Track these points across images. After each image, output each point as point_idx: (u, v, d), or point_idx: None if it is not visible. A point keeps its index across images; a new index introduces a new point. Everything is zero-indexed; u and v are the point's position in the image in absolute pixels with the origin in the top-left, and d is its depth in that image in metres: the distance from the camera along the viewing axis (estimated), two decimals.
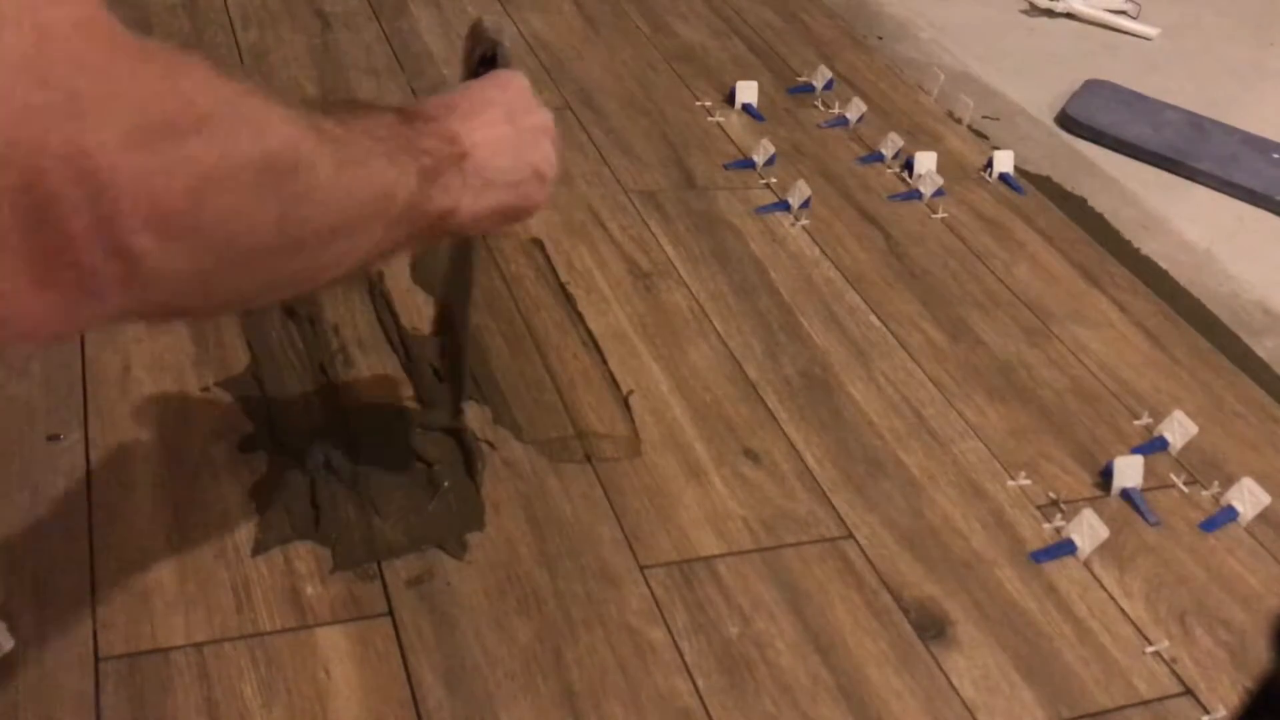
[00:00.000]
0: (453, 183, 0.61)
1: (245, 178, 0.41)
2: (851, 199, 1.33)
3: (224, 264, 0.42)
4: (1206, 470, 1.04)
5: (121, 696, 0.69)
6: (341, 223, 0.51)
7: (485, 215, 0.65)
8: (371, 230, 0.54)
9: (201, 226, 0.39)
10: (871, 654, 0.82)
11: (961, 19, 1.93)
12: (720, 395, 1.01)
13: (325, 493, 0.84)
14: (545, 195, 0.69)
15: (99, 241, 0.35)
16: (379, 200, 0.54)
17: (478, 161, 0.63)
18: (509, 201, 0.66)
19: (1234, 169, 1.58)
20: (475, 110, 0.65)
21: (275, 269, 0.48)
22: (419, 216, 0.59)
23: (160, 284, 0.39)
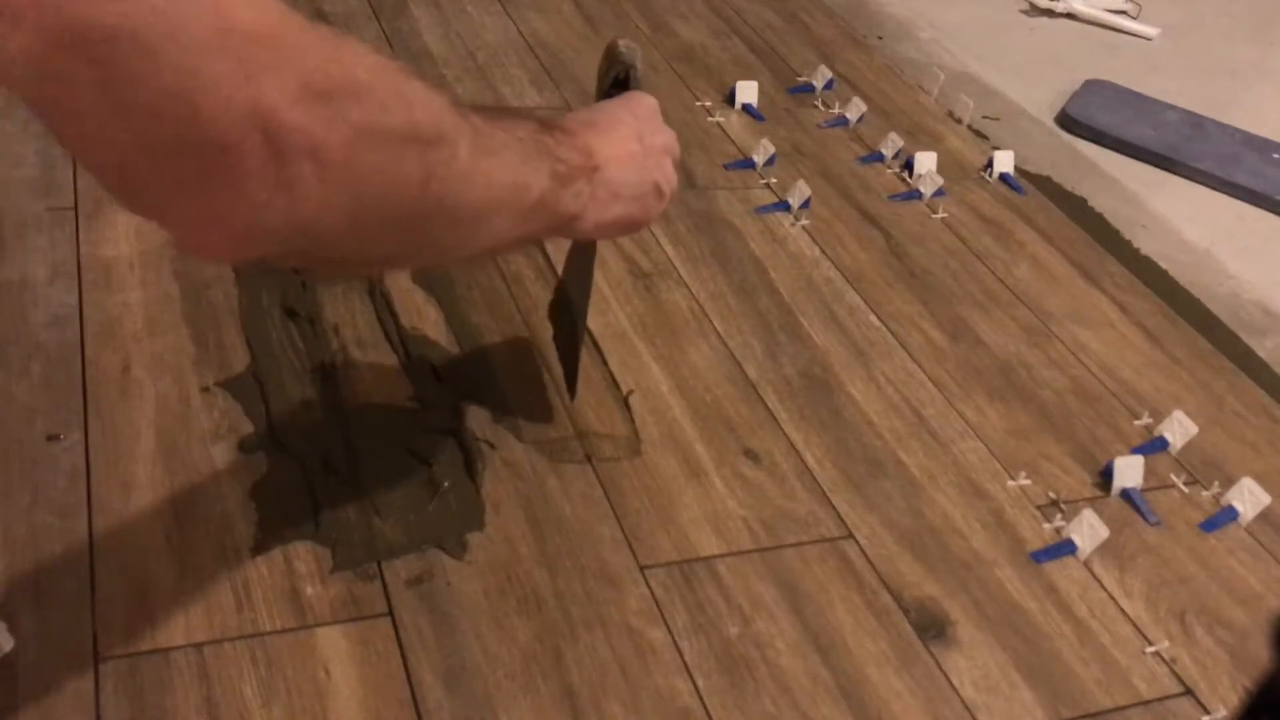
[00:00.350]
0: (583, 191, 0.67)
1: (393, 141, 0.48)
2: (851, 199, 1.33)
3: (371, 217, 0.49)
4: (1206, 470, 1.04)
5: (121, 696, 0.69)
6: (477, 202, 0.57)
7: (608, 224, 0.72)
8: (503, 217, 0.60)
9: (354, 177, 0.46)
10: (871, 654, 0.82)
11: (961, 19, 1.93)
12: (720, 395, 1.01)
13: (325, 493, 0.84)
14: (662, 208, 0.76)
15: (271, 179, 0.43)
16: (512, 190, 0.60)
17: (608, 175, 0.69)
18: (631, 213, 0.73)
19: (1234, 169, 1.59)
20: (609, 128, 0.72)
21: (414, 233, 0.54)
22: (549, 215, 0.65)
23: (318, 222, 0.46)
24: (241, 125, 0.41)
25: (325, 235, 0.48)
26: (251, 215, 0.44)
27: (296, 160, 0.43)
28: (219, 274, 1.02)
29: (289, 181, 0.43)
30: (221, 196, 0.42)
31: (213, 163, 0.41)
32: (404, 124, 0.49)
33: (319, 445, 0.88)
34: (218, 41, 0.40)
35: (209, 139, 0.41)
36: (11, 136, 1.14)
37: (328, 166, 0.44)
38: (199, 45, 0.39)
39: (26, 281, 0.98)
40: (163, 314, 0.97)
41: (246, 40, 0.41)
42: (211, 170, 0.42)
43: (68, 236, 1.03)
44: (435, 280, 1.07)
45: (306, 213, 0.45)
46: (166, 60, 0.39)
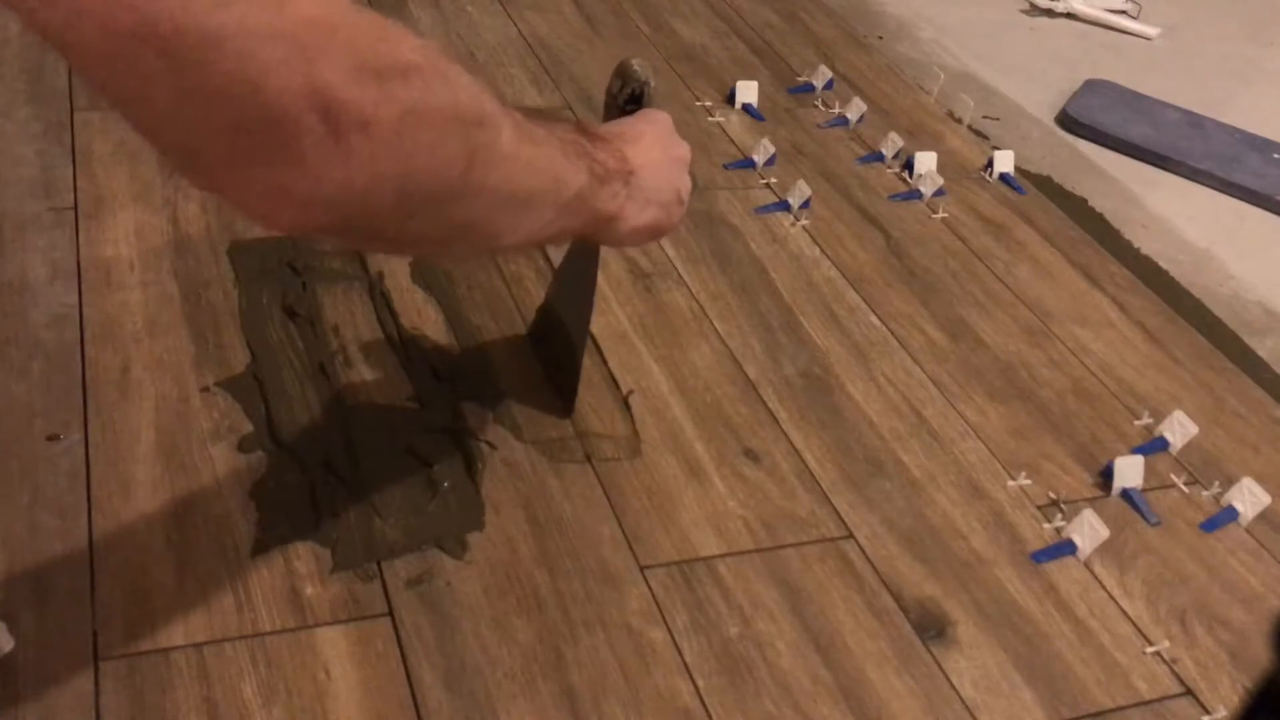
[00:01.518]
0: (619, 192, 0.71)
1: (438, 119, 0.51)
2: (851, 199, 1.33)
3: (418, 193, 0.52)
4: (1207, 470, 1.04)
5: (121, 696, 0.69)
6: (518, 188, 0.59)
7: (641, 228, 0.75)
8: (543, 207, 0.63)
9: (403, 152, 0.49)
10: (871, 654, 0.82)
11: (961, 19, 1.93)
12: (720, 395, 1.01)
13: (325, 493, 0.84)
14: (680, 216, 0.80)
15: (329, 150, 0.46)
16: (553, 181, 0.63)
17: (641, 180, 0.73)
18: (659, 219, 0.77)
19: (1234, 169, 1.58)
20: (636, 138, 0.76)
21: (458, 213, 0.56)
22: (588, 212, 0.68)
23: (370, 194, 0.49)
24: (300, 104, 0.44)
25: (376, 208, 0.50)
26: (311, 186, 0.47)
27: (350, 134, 0.46)
28: (219, 274, 1.02)
29: (344, 154, 0.46)
30: (283, 170, 0.46)
31: (275, 139, 0.44)
32: (449, 104, 0.51)
33: (319, 445, 0.88)
34: (277, 27, 0.43)
35: (271, 117, 0.44)
36: (11, 136, 1.14)
37: (378, 141, 0.47)
38: (260, 31, 0.42)
39: (26, 281, 0.98)
40: (163, 314, 0.97)
41: (304, 24, 0.44)
42: (274, 146, 0.45)
43: (68, 236, 1.03)
44: (435, 280, 1.07)
45: (360, 184, 0.48)
46: (230, 47, 0.42)
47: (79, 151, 1.14)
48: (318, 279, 1.04)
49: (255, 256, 1.05)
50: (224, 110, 0.43)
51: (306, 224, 0.49)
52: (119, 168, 1.12)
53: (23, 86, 1.22)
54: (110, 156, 1.14)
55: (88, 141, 1.15)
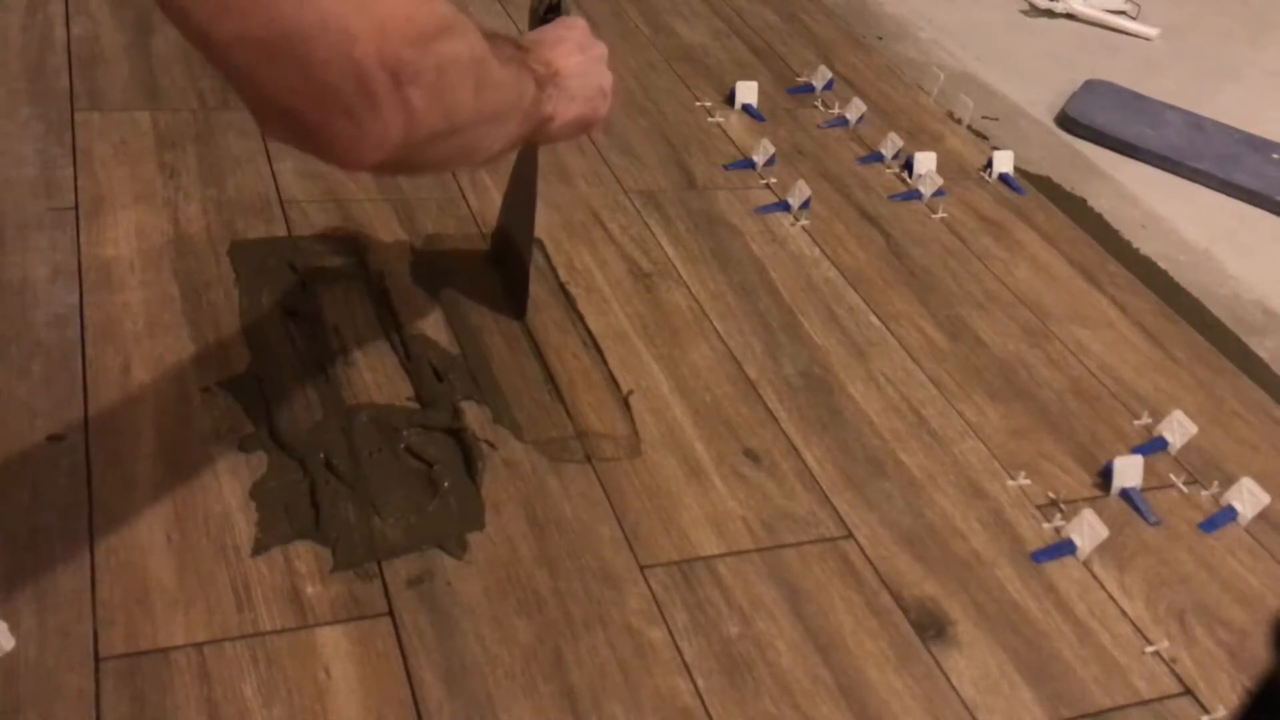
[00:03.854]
0: (552, 94, 0.80)
1: (463, 63, 0.61)
2: (851, 199, 1.33)
3: (449, 125, 0.62)
4: (1206, 470, 1.04)
5: (121, 696, 0.69)
6: (501, 106, 0.70)
7: (570, 123, 0.84)
8: (513, 119, 0.73)
9: (442, 93, 0.59)
10: (871, 654, 0.82)
11: (961, 19, 1.93)
12: (720, 395, 1.01)
13: (325, 493, 0.84)
14: (607, 110, 0.88)
15: (394, 101, 0.56)
16: (518, 94, 0.73)
17: (566, 80, 0.82)
18: (585, 113, 0.85)
19: (1234, 169, 1.59)
20: (557, 43, 0.84)
21: (471, 135, 0.67)
22: (535, 115, 0.78)
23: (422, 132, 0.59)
24: (375, 65, 0.54)
25: (422, 142, 0.60)
26: (383, 130, 0.56)
27: (407, 86, 0.56)
28: (219, 274, 1.02)
29: (404, 104, 0.56)
30: (363, 119, 0.55)
31: (359, 94, 0.55)
32: (466, 49, 0.61)
33: (319, 445, 0.88)
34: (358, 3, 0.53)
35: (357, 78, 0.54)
36: (11, 136, 1.14)
37: (426, 87, 0.57)
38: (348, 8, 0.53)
39: (27, 281, 0.98)
40: (163, 314, 0.97)
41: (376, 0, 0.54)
42: (358, 100, 0.55)
43: (68, 236, 1.03)
44: (435, 280, 1.07)
45: (416, 125, 0.58)
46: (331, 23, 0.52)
47: (80, 151, 1.14)
48: (318, 279, 1.04)
49: (255, 256, 1.05)
50: (326, 74, 0.53)
51: (379, 161, 0.58)
52: (119, 168, 1.12)
53: (23, 86, 1.22)
54: (111, 156, 1.14)
55: (88, 141, 1.15)
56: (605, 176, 1.28)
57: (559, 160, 1.28)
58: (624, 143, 1.34)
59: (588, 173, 1.28)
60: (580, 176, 1.27)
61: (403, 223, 1.13)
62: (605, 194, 1.24)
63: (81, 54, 1.30)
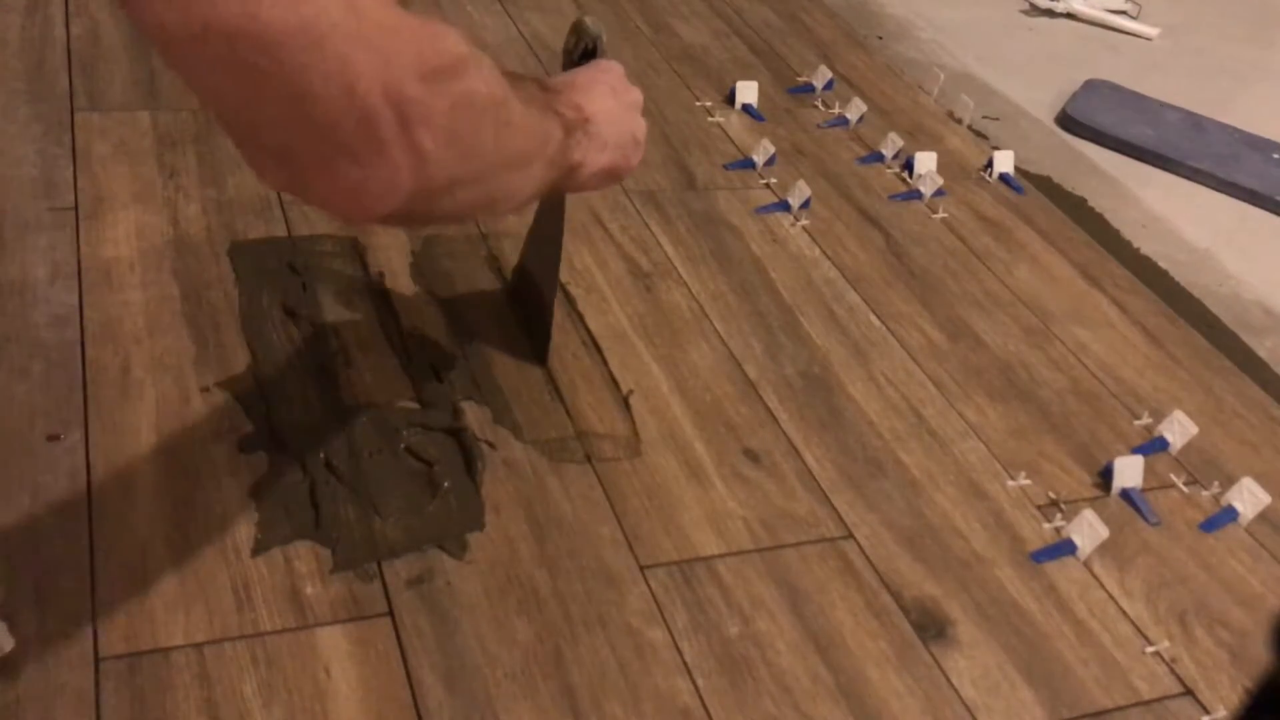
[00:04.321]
0: (581, 141, 0.75)
1: (480, 104, 0.56)
2: (851, 199, 1.33)
3: (466, 171, 0.57)
4: (1206, 470, 1.04)
5: (121, 696, 0.69)
6: (524, 151, 0.65)
7: (599, 172, 0.79)
8: (537, 165, 0.68)
9: (457, 136, 0.54)
10: (871, 654, 0.82)
11: (961, 19, 1.93)
12: (720, 395, 1.01)
13: (325, 493, 0.84)
14: (639, 158, 0.84)
15: (402, 144, 0.51)
16: (542, 139, 0.68)
17: (597, 126, 0.77)
18: (616, 162, 0.80)
19: (1234, 169, 1.59)
20: (589, 87, 0.79)
21: (491, 182, 0.62)
22: (561, 163, 0.73)
23: (434, 179, 0.54)
24: (381, 102, 0.49)
25: (437, 190, 0.55)
26: (388, 178, 0.51)
27: (416, 128, 0.51)
28: (219, 274, 1.02)
29: (414, 147, 0.51)
30: (366, 164, 0.50)
31: (361, 136, 0.49)
32: (483, 90, 0.57)
33: (319, 445, 0.88)
34: (360, 31, 0.47)
35: (360, 116, 0.48)
36: (11, 136, 1.14)
37: (437, 130, 0.52)
38: (350, 35, 0.47)
39: (27, 281, 0.98)
40: (163, 314, 0.97)
41: (378, 30, 0.48)
42: (360, 142, 0.49)
43: (68, 237, 1.03)
44: (435, 280, 1.07)
45: (427, 172, 0.53)
46: (331, 49, 0.46)
47: (79, 151, 1.14)
48: (318, 279, 1.04)
49: (255, 257, 1.05)
50: (324, 110, 0.48)
51: (383, 213, 0.53)
52: (119, 168, 1.12)
53: (23, 86, 1.22)
54: (110, 156, 1.14)
55: (88, 141, 1.15)
56: None
57: None
58: None
59: None
60: None
61: None
62: (605, 194, 1.24)
63: (81, 54, 1.30)
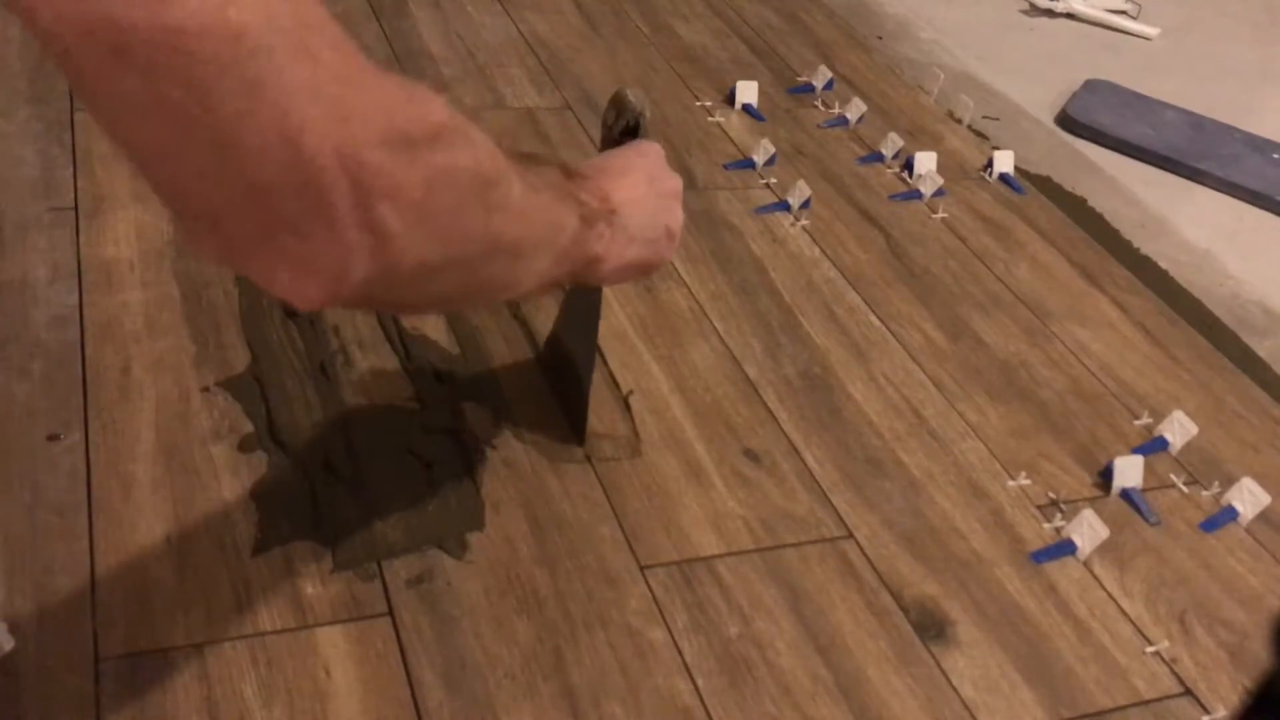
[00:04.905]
0: (604, 233, 0.69)
1: (464, 181, 0.50)
2: (851, 199, 1.33)
3: (445, 256, 0.50)
4: (1206, 470, 1.04)
5: (121, 696, 0.69)
6: (524, 240, 0.58)
7: (625, 267, 0.72)
8: (543, 256, 0.61)
9: (431, 216, 0.47)
10: (871, 654, 0.82)
11: (961, 19, 1.93)
12: (720, 395, 1.01)
13: (325, 493, 0.84)
14: (672, 252, 0.77)
15: (360, 221, 0.43)
16: (551, 228, 0.62)
17: (624, 217, 0.70)
18: (645, 256, 0.74)
19: (1234, 169, 1.59)
20: (622, 172, 0.73)
21: (477, 271, 0.55)
22: (578, 255, 0.66)
23: (400, 264, 0.46)
24: (333, 167, 0.42)
25: (404, 276, 0.48)
26: (342, 258, 0.44)
27: (381, 202, 0.44)
28: (219, 274, 1.02)
29: (374, 224, 0.44)
30: (312, 239, 0.43)
31: (306, 204, 0.42)
32: (472, 164, 0.50)
33: (319, 445, 0.88)
34: (313, 81, 0.41)
35: (304, 180, 0.41)
36: (11, 137, 1.14)
37: (406, 207, 0.45)
38: (298, 85, 0.40)
39: (27, 281, 0.98)
40: (163, 314, 0.97)
41: (336, 83, 0.42)
42: (305, 212, 0.42)
43: (68, 237, 1.03)
44: None
45: (390, 254, 0.46)
46: (270, 97, 0.39)
47: (79, 151, 1.14)
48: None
49: None
50: (258, 168, 0.41)
51: (333, 298, 0.46)
52: (119, 168, 1.12)
53: (23, 86, 1.22)
54: (110, 156, 1.14)
55: (88, 141, 1.15)
56: None
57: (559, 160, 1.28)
58: None
59: None
60: None
61: None
62: None
63: None
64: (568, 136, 1.33)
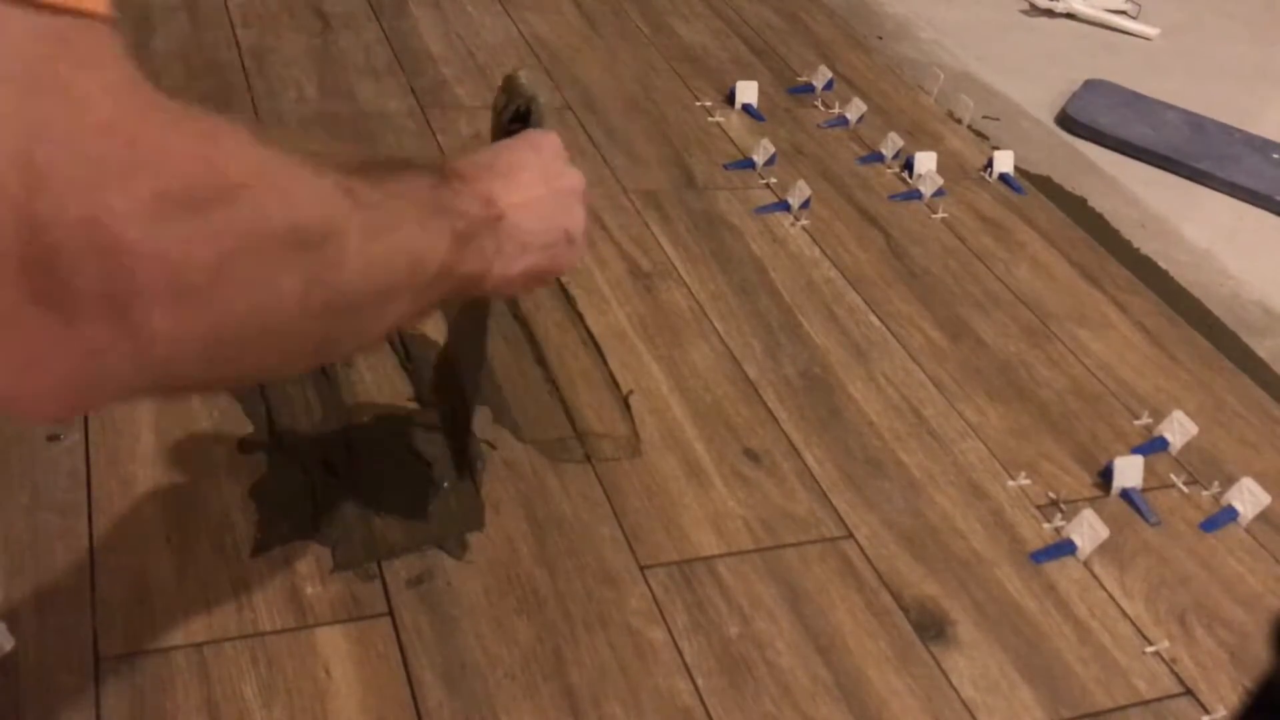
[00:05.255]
0: (487, 246, 0.60)
1: (271, 250, 0.39)
2: (851, 199, 1.33)
3: (243, 339, 0.40)
4: (1206, 470, 1.04)
5: (121, 696, 0.69)
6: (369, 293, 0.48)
7: (514, 278, 0.64)
8: (400, 299, 0.52)
9: (221, 301, 0.37)
10: (871, 654, 0.82)
11: (961, 19, 1.93)
12: (720, 395, 1.01)
13: (325, 493, 0.84)
14: (575, 257, 0.69)
15: (111, 316, 0.34)
16: (409, 268, 0.52)
17: (512, 224, 0.62)
18: (540, 264, 0.66)
19: (1234, 169, 1.59)
20: (511, 172, 0.64)
21: (295, 342, 0.45)
22: (449, 280, 0.57)
23: (174, 362, 0.37)
24: (77, 240, 0.32)
25: (182, 370, 0.39)
26: (87, 361, 0.34)
27: (147, 290, 0.34)
28: None
29: (134, 322, 0.34)
30: (47, 335, 0.33)
31: (39, 289, 0.32)
32: (284, 227, 0.40)
33: (319, 445, 0.88)
34: (67, 135, 0.32)
35: (34, 254, 0.32)
36: None
37: (187, 294, 0.36)
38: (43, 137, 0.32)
39: None
40: None
41: (99, 133, 0.33)
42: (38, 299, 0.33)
43: None
44: None
45: (158, 353, 0.36)
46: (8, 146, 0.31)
47: None
48: None
49: None
50: None
51: (80, 408, 0.37)
52: None
53: None
54: None
55: None
56: (605, 176, 1.28)
57: None
58: (624, 143, 1.34)
59: (588, 173, 1.26)
60: None
61: None
62: (605, 194, 1.24)
63: None
64: (568, 137, 1.33)
